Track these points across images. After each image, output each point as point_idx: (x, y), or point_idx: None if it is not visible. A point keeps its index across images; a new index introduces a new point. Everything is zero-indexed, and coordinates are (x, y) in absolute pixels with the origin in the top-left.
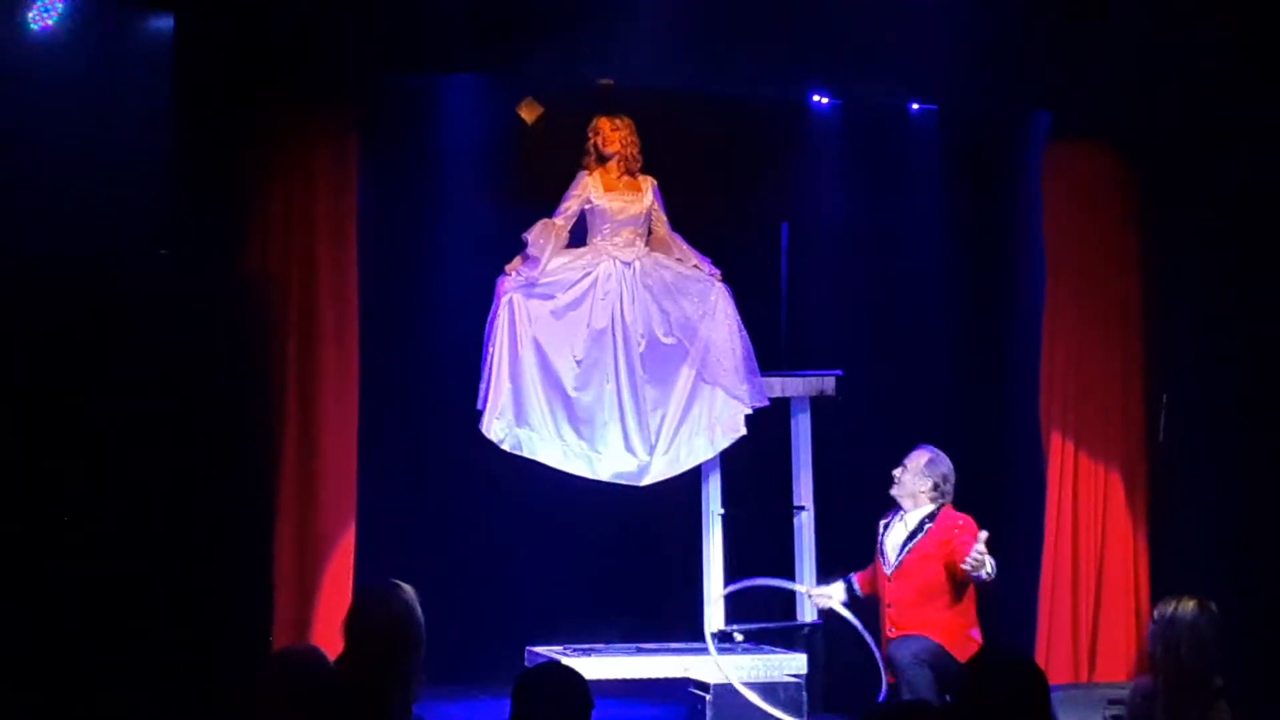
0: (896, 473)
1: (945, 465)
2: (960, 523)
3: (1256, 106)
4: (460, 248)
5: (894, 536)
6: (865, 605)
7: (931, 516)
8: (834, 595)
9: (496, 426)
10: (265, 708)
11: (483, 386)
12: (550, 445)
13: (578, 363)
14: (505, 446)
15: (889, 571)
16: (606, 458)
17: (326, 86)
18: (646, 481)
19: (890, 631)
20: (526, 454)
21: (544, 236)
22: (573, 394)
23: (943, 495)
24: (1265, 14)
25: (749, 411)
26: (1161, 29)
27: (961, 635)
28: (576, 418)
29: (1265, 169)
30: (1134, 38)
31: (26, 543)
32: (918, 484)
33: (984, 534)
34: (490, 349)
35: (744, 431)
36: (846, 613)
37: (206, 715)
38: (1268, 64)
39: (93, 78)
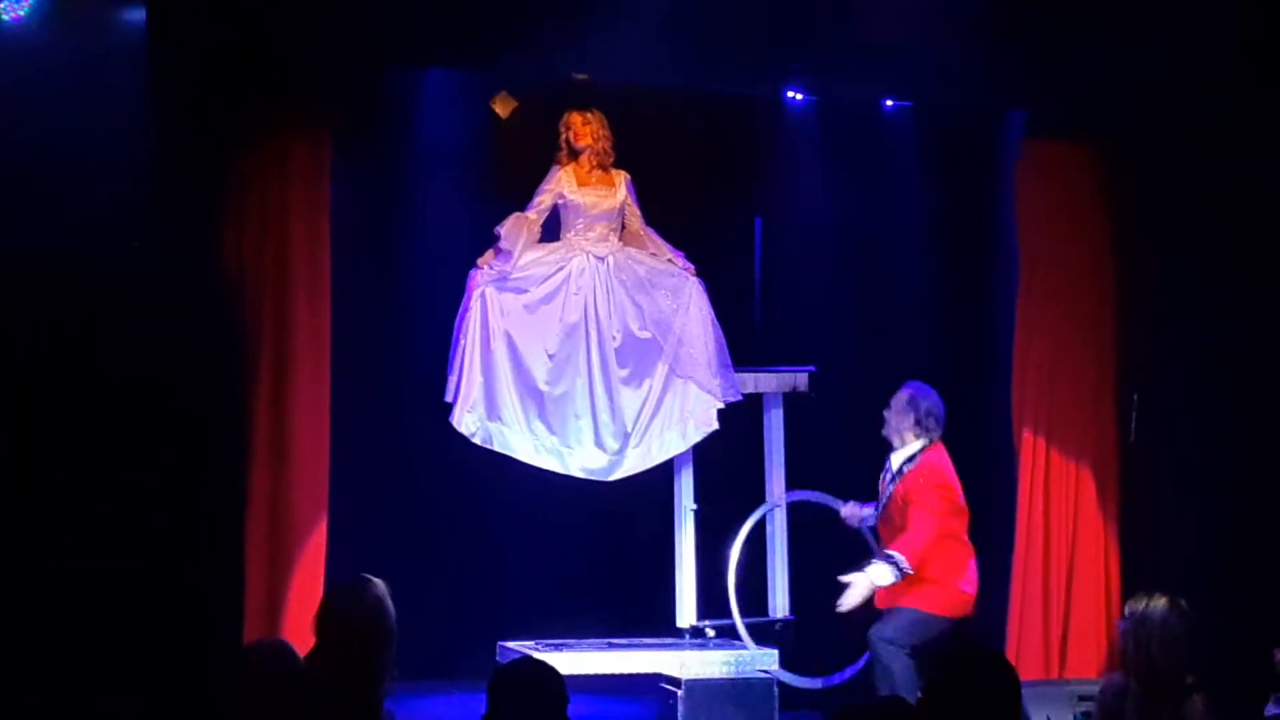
0: (886, 412)
1: (928, 401)
2: (926, 474)
3: (1232, 105)
4: (434, 242)
5: (885, 479)
6: None
7: (913, 459)
8: (865, 516)
9: (468, 420)
10: (233, 702)
11: (452, 379)
12: (522, 439)
13: (550, 357)
14: (476, 440)
15: (879, 514)
16: (577, 453)
17: (301, 82)
18: (617, 476)
19: None
20: (498, 448)
21: (516, 230)
22: (544, 388)
23: (927, 431)
24: (1242, 13)
25: (721, 406)
26: (1137, 27)
27: (948, 589)
28: (548, 412)
29: (1241, 167)
30: (1110, 36)
31: None
32: (901, 421)
33: (846, 580)
34: (461, 341)
35: (716, 426)
36: (869, 535)
37: (176, 710)
38: (1243, 62)
39: (65, 70)
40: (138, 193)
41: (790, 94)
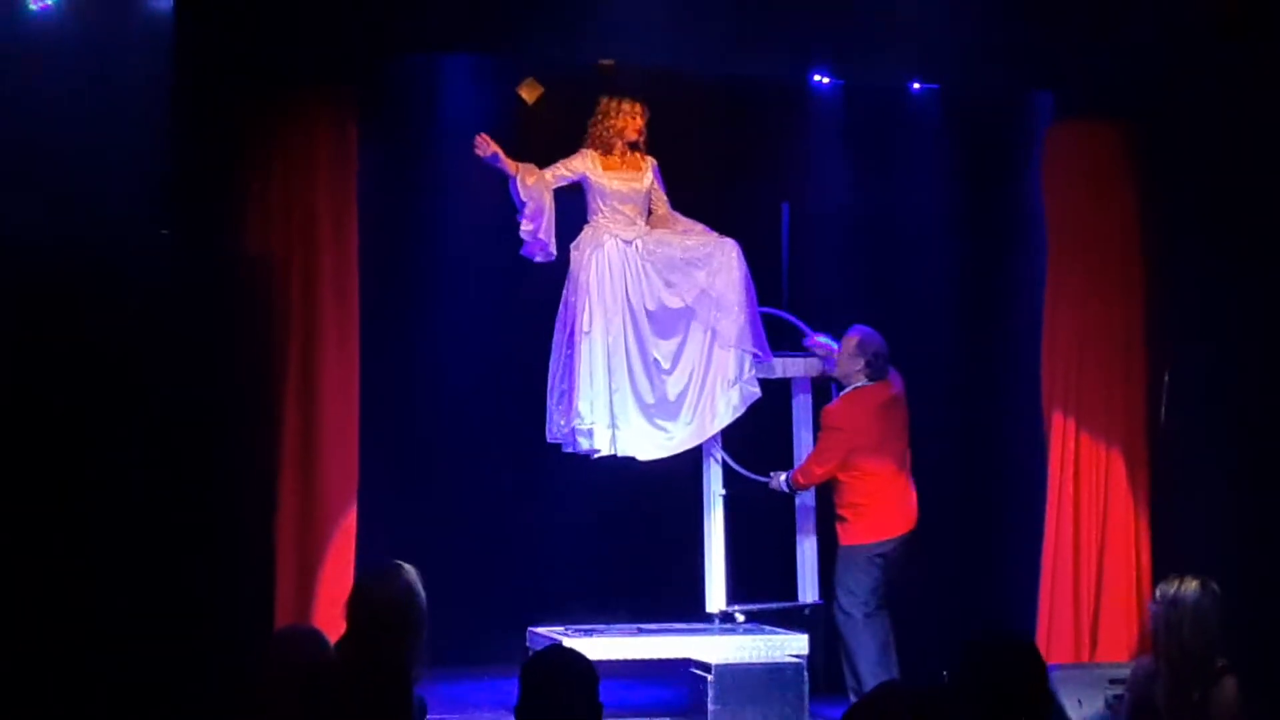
0: (835, 356)
1: (876, 343)
2: (833, 413)
3: (1260, 82)
4: (460, 228)
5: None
6: None
7: (841, 395)
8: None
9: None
10: (264, 688)
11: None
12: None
13: (587, 336)
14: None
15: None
16: (626, 433)
17: (326, 66)
18: (674, 451)
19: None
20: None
21: (538, 184)
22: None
23: (876, 371)
24: None
25: (767, 362)
26: (1164, 5)
27: (862, 519)
28: (599, 396)
29: (1269, 146)
30: (1136, 15)
31: (28, 520)
32: (853, 364)
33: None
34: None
35: (759, 393)
36: None
37: (208, 698)
38: (1269, 39)
39: (92, 59)
40: (164, 180)
41: (816, 78)
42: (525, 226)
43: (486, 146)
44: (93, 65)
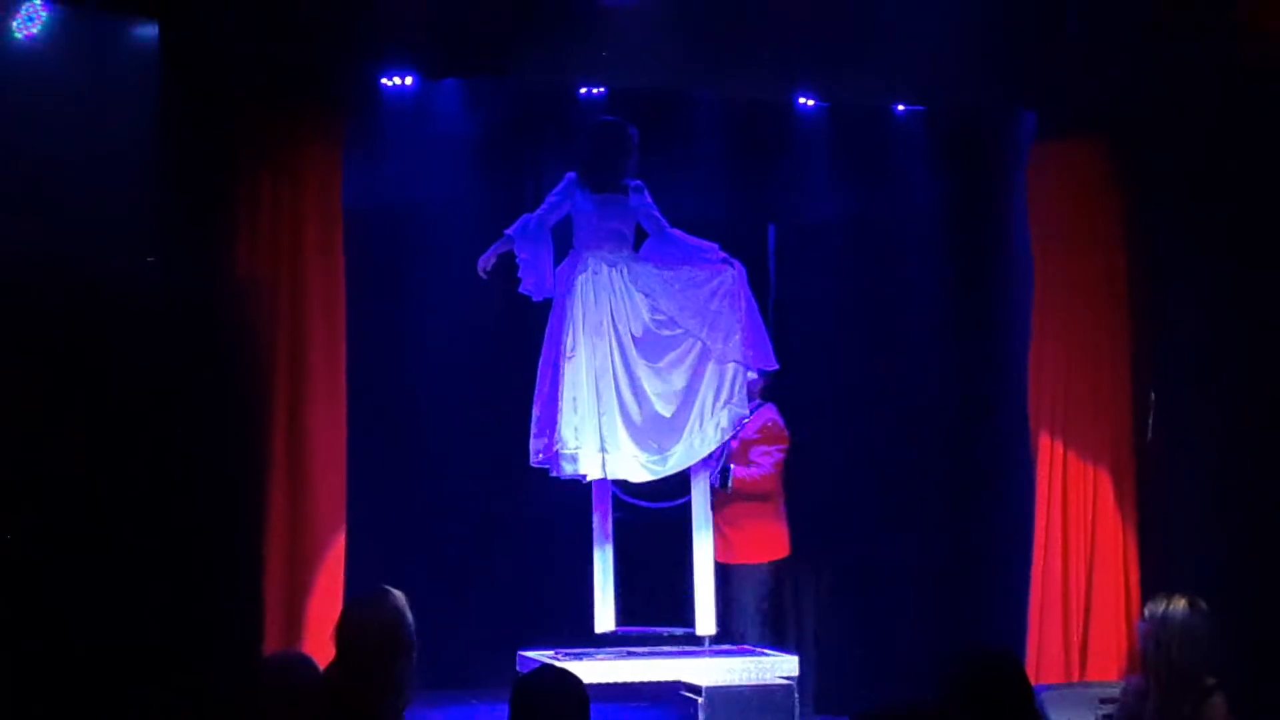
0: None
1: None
2: (767, 420)
3: (1242, 100)
4: (448, 248)
5: None
6: None
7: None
8: None
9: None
10: (254, 714)
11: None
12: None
13: (570, 361)
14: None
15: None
16: (615, 457)
17: (313, 89)
18: (665, 474)
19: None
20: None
21: (528, 238)
22: (573, 396)
23: (766, 393)
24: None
25: (755, 374)
26: (1145, 25)
27: (781, 533)
28: (583, 419)
29: (1253, 165)
30: (1118, 34)
31: (11, 550)
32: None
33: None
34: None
35: (748, 414)
36: None
37: None
38: (1252, 57)
39: (78, 85)
40: (151, 207)
41: (802, 100)
42: (526, 282)
43: (486, 264)
44: (80, 91)
